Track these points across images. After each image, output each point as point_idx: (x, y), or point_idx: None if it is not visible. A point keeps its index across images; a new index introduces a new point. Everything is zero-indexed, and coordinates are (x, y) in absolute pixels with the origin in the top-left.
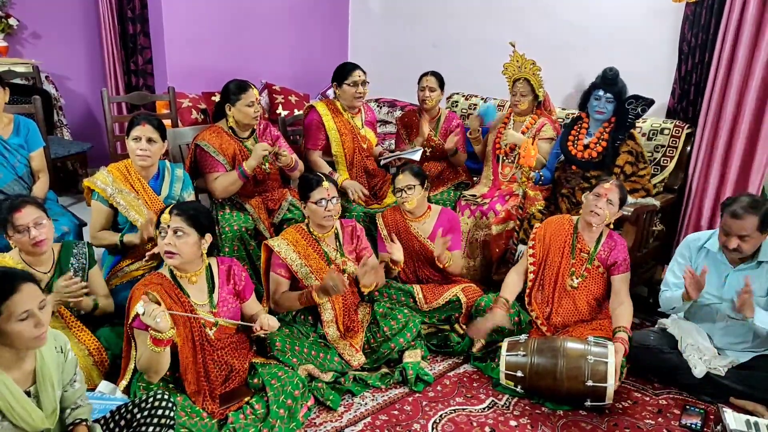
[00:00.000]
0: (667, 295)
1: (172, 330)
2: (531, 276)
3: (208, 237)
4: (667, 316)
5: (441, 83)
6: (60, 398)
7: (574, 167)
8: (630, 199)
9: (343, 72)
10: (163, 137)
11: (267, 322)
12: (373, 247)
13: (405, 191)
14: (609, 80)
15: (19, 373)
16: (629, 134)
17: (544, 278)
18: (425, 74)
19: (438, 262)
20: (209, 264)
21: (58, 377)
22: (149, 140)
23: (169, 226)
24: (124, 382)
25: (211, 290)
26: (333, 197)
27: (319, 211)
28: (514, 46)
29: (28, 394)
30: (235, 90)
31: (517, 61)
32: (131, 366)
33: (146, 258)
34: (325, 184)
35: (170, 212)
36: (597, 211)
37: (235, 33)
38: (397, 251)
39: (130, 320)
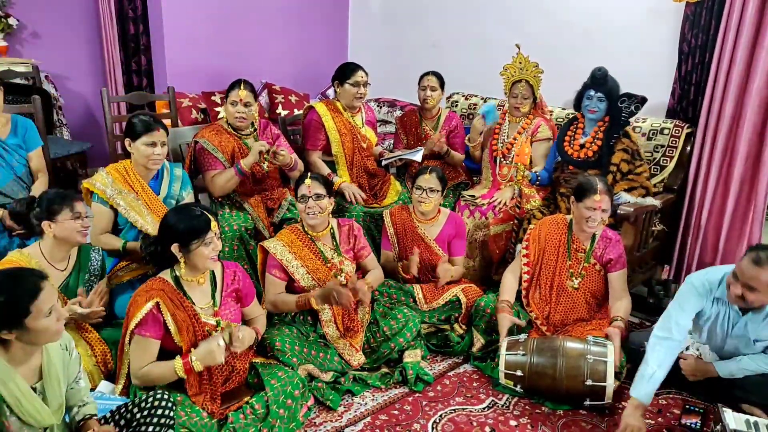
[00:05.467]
0: (645, 366)
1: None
2: (526, 277)
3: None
4: None
5: (441, 83)
6: (65, 396)
7: (571, 167)
8: (630, 197)
9: (346, 71)
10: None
11: (240, 337)
12: (377, 245)
13: (427, 192)
14: (598, 80)
15: (26, 369)
16: (624, 132)
17: (540, 278)
18: (426, 74)
19: (438, 260)
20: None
21: (63, 374)
22: (162, 144)
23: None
24: (120, 386)
25: (214, 290)
26: (315, 194)
27: (301, 208)
28: (519, 48)
29: (34, 390)
30: (228, 87)
31: (520, 62)
32: (125, 370)
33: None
34: (308, 181)
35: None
36: (593, 223)
37: (235, 33)
38: (414, 268)
39: (131, 326)
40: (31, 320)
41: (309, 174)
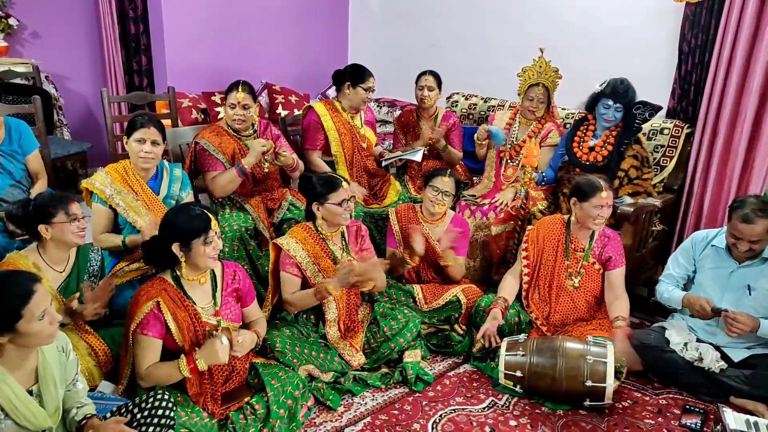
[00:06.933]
0: (667, 294)
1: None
2: (526, 278)
3: None
4: (665, 315)
5: (439, 82)
6: (63, 398)
7: (577, 170)
8: (631, 200)
9: (361, 75)
10: (164, 138)
11: (240, 341)
12: (377, 246)
13: (444, 195)
14: (620, 93)
15: (21, 372)
16: (635, 138)
17: (539, 279)
18: (423, 73)
19: (439, 258)
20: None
21: (60, 376)
22: (153, 142)
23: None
24: (122, 387)
25: (215, 290)
26: (351, 196)
27: (339, 211)
28: (542, 51)
29: (30, 393)
30: (227, 89)
31: (540, 66)
32: (128, 371)
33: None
34: (345, 184)
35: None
36: (601, 221)
37: (235, 33)
38: (419, 243)
39: (133, 326)
40: (23, 324)
41: (342, 179)
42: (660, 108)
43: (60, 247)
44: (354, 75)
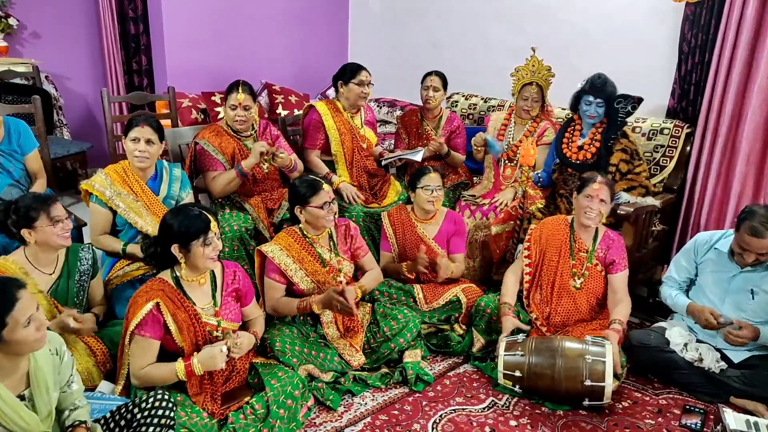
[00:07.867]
0: (670, 300)
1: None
2: (527, 278)
3: None
4: (665, 315)
5: (444, 83)
6: (57, 400)
7: (570, 170)
8: (629, 197)
9: (352, 71)
10: (161, 138)
11: (238, 344)
12: (375, 246)
13: (435, 191)
14: (598, 88)
15: (12, 377)
16: (622, 132)
17: (541, 279)
18: (429, 74)
19: (436, 256)
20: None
21: (53, 379)
22: (148, 141)
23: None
24: (120, 387)
25: (214, 290)
26: (333, 198)
27: (321, 214)
28: (534, 51)
29: (22, 398)
30: (226, 89)
31: (533, 65)
32: (124, 371)
33: None
34: (326, 187)
35: None
36: (591, 214)
37: (235, 33)
38: (420, 266)
39: (131, 326)
40: (8, 332)
41: (323, 182)
42: (641, 99)
43: (47, 250)
44: (345, 72)
